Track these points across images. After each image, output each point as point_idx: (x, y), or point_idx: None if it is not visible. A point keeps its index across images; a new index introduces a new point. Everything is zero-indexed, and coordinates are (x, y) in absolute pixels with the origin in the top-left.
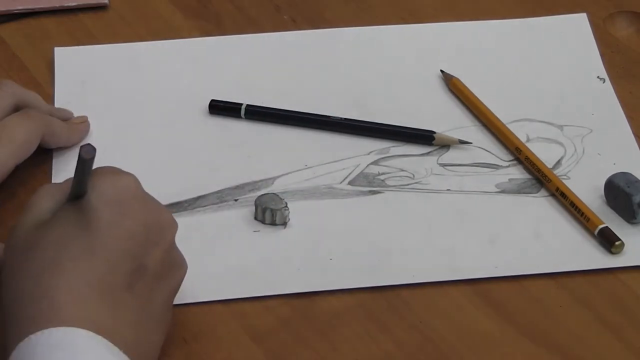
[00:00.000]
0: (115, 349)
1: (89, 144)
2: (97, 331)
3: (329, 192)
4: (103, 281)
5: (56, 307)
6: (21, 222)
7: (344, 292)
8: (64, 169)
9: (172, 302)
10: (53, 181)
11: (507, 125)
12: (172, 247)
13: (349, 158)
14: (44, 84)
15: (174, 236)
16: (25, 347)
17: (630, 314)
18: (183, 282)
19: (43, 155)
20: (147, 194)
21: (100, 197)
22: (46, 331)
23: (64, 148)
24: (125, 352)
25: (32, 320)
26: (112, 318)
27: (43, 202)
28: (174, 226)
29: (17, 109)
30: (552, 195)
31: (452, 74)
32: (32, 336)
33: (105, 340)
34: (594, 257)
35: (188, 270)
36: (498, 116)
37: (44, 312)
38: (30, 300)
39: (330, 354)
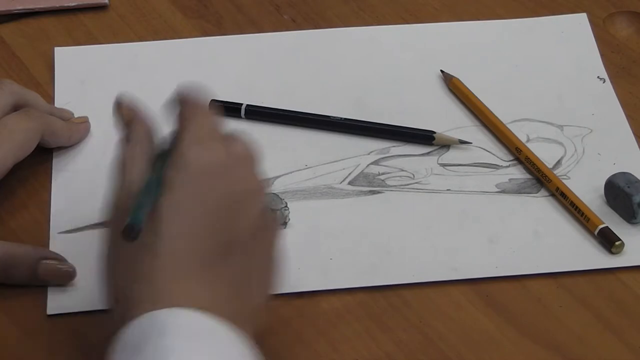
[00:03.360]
0: (219, 321)
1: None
2: (198, 307)
3: (329, 192)
4: (195, 258)
5: (157, 289)
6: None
7: (344, 292)
8: (64, 169)
9: (273, 256)
10: (53, 182)
11: (507, 125)
12: (262, 211)
13: (349, 158)
14: (44, 84)
15: (262, 199)
16: (128, 331)
17: (630, 314)
18: None
19: (43, 155)
20: (236, 158)
21: (182, 176)
22: (147, 315)
23: (64, 147)
24: (228, 320)
25: (134, 303)
26: (210, 292)
27: (134, 173)
28: (262, 191)
29: (16, 108)
30: (552, 195)
31: (452, 74)
32: (135, 321)
33: (207, 315)
34: (594, 257)
35: None
36: (498, 116)
37: (144, 294)
38: (132, 282)
39: (330, 354)
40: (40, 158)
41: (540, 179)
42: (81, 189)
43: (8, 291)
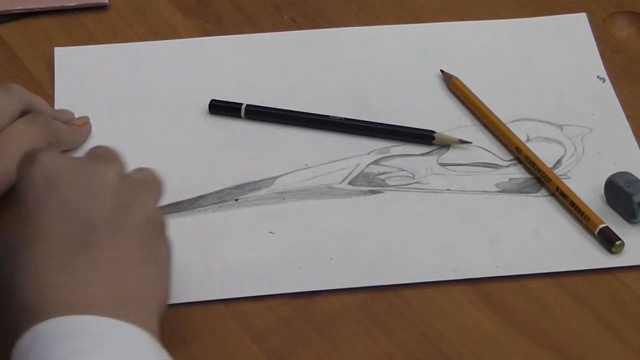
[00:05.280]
0: (98, 318)
1: None
2: (73, 306)
3: (329, 192)
4: (56, 256)
5: (26, 305)
6: None
7: (344, 292)
8: None
9: (154, 227)
10: None
11: (507, 125)
12: (119, 186)
13: (349, 158)
14: (44, 84)
15: (114, 177)
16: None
17: (630, 314)
18: (183, 281)
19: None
20: (67, 157)
21: (24, 186)
22: (28, 331)
23: (65, 150)
24: (112, 305)
25: (16, 323)
26: (85, 284)
27: None
28: (110, 168)
29: (24, 113)
30: (552, 194)
31: (452, 73)
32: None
33: (84, 316)
34: (594, 257)
35: (188, 270)
36: (498, 116)
37: (21, 313)
38: (8, 309)
39: (330, 354)
40: None
41: (540, 178)
42: None
43: None
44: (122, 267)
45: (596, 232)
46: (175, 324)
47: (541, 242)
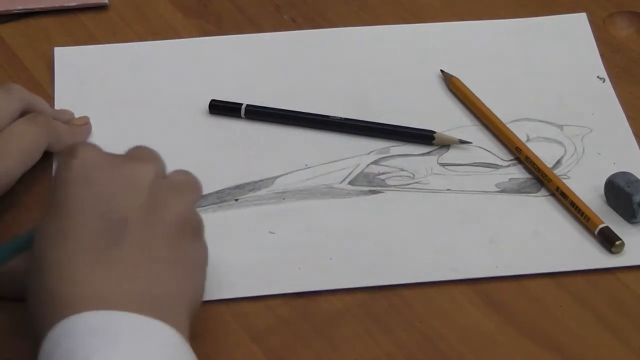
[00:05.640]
0: (122, 314)
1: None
2: (103, 301)
3: (329, 192)
4: (88, 251)
5: (57, 297)
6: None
7: (344, 292)
8: None
9: (187, 228)
10: None
11: (507, 125)
12: (154, 186)
13: (349, 158)
14: (44, 84)
15: (150, 176)
16: (49, 342)
17: (630, 314)
18: None
19: (44, 157)
20: (106, 153)
21: (61, 178)
22: (59, 324)
23: None
24: (140, 302)
25: (47, 314)
26: (115, 279)
27: None
28: (146, 168)
29: (24, 113)
30: (552, 194)
31: (452, 73)
32: (50, 332)
33: (110, 312)
34: (594, 257)
35: None
36: (498, 116)
37: (52, 305)
38: (37, 302)
39: (330, 354)
40: (42, 160)
41: (540, 178)
42: None
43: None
44: (151, 265)
45: (596, 232)
46: None
47: (541, 242)
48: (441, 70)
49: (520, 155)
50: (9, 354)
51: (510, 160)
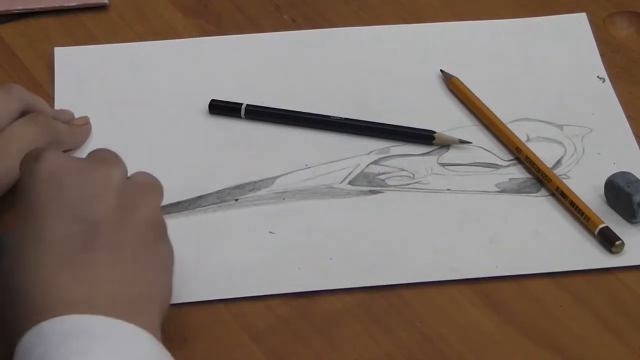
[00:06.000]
0: (96, 317)
1: None
2: (76, 306)
3: (329, 192)
4: (60, 255)
5: (29, 302)
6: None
7: (344, 292)
8: None
9: (156, 230)
10: None
11: (507, 125)
12: (122, 188)
13: (349, 158)
14: (44, 84)
15: (117, 179)
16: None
17: (630, 314)
18: (183, 281)
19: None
20: (71, 157)
21: (28, 183)
22: (32, 329)
23: (65, 150)
24: (114, 305)
25: (19, 319)
26: (87, 283)
27: None
28: (113, 170)
29: (24, 113)
30: (552, 194)
31: (452, 73)
32: (25, 336)
33: (80, 316)
34: (594, 257)
35: (188, 270)
36: (498, 116)
37: (24, 310)
38: (10, 306)
39: (330, 354)
40: None
41: (540, 178)
42: None
43: None
44: (124, 267)
45: (596, 232)
46: (175, 324)
47: (541, 242)
48: (441, 70)
49: (520, 155)
50: None
51: (510, 160)
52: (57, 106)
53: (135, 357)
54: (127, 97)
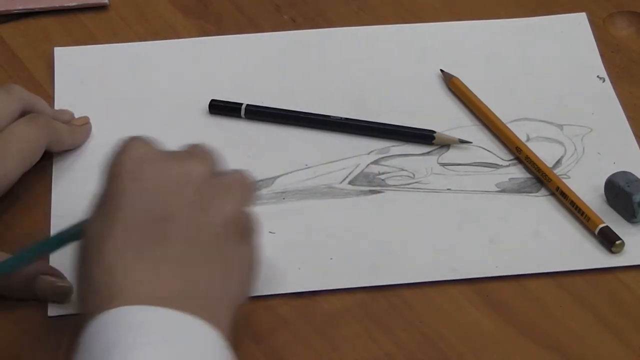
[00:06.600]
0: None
1: None
2: (144, 297)
3: (329, 191)
4: (132, 245)
5: (99, 288)
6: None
7: (344, 292)
8: (65, 171)
9: (235, 228)
10: (53, 184)
11: (507, 125)
12: (203, 185)
13: (349, 158)
14: (44, 84)
15: (200, 175)
16: (90, 331)
17: (630, 314)
18: None
19: (44, 157)
20: (159, 150)
21: (112, 172)
22: (100, 316)
23: (65, 150)
24: (182, 299)
25: (88, 303)
26: (157, 276)
27: None
28: (198, 166)
29: (24, 113)
30: (552, 194)
31: (452, 73)
32: (94, 321)
33: (150, 307)
34: (594, 257)
35: None
36: (498, 115)
37: (93, 295)
38: (83, 291)
39: (330, 354)
40: (42, 160)
41: (540, 178)
42: (82, 190)
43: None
44: (195, 263)
45: (596, 232)
46: None
47: (541, 242)
48: (441, 70)
49: (520, 155)
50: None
51: (510, 160)
52: (57, 106)
53: (199, 352)
54: (127, 97)
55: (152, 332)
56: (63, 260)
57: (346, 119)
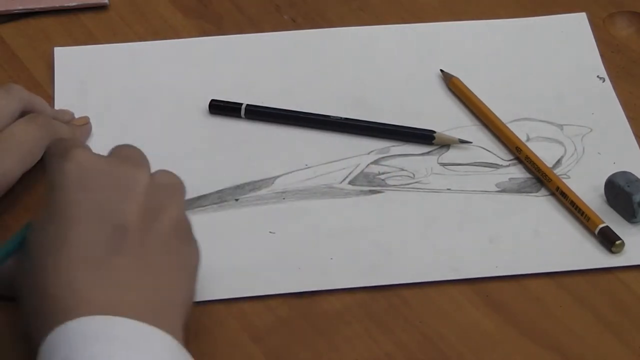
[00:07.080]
0: (119, 319)
1: None
2: (102, 307)
3: (329, 191)
4: (87, 257)
5: (55, 302)
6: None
7: (344, 292)
8: None
9: (182, 232)
10: None
11: (507, 125)
12: (148, 191)
13: (349, 158)
14: (44, 84)
15: (145, 181)
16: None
17: (630, 314)
18: None
19: (44, 158)
20: (99, 157)
21: (56, 183)
22: (58, 328)
23: None
24: (138, 308)
25: (44, 319)
26: (113, 286)
27: None
28: (140, 172)
29: (24, 113)
30: (552, 194)
31: (452, 73)
32: (51, 335)
33: (105, 317)
34: (594, 257)
35: None
36: (498, 115)
37: (49, 309)
38: (34, 306)
39: (330, 354)
40: (42, 160)
41: (541, 178)
42: None
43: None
44: (150, 271)
45: (596, 232)
46: None
47: (541, 242)
48: (441, 70)
49: (520, 155)
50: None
51: (510, 160)
52: (57, 106)
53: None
54: (127, 97)
55: (112, 342)
56: None
57: (346, 119)
